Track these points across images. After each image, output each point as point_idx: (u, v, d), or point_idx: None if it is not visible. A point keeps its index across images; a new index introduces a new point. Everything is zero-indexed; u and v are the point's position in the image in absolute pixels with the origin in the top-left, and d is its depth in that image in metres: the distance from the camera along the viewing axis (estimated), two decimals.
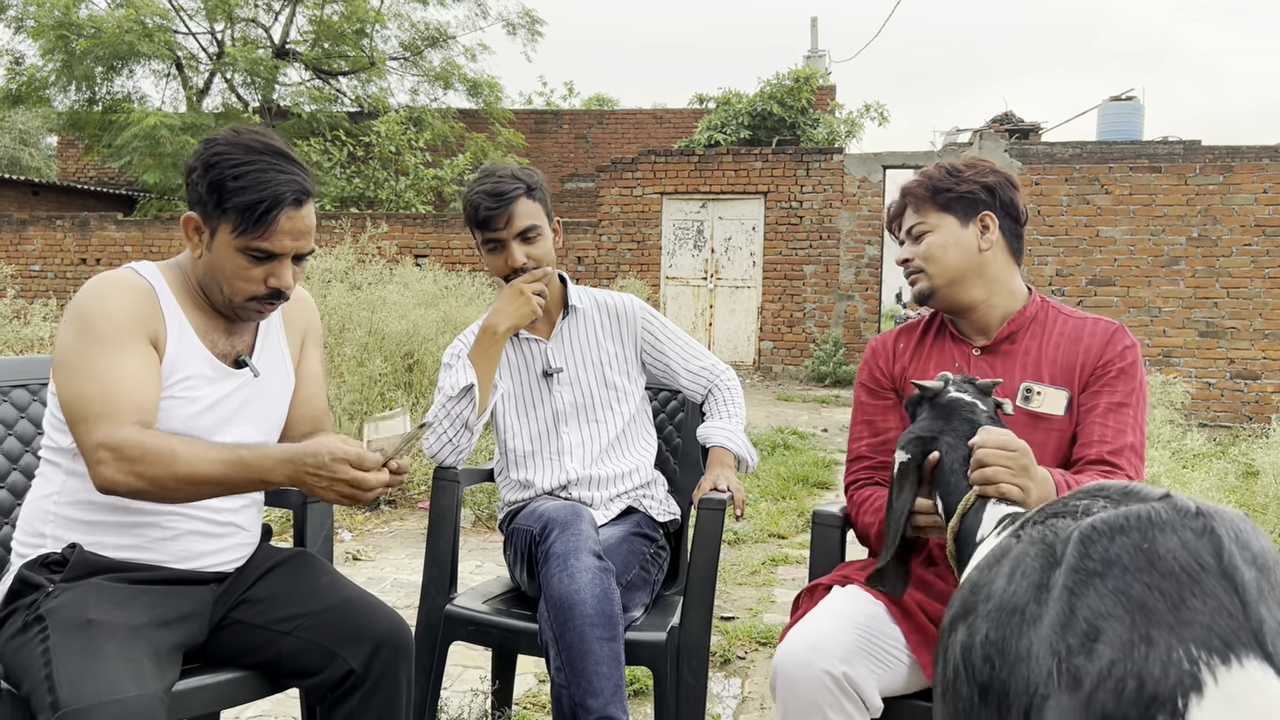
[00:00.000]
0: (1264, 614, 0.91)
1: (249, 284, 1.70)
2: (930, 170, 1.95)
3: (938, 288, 1.91)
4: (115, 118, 16.18)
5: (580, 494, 2.33)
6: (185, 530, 1.72)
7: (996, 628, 1.09)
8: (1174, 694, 0.87)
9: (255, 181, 1.63)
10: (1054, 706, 0.95)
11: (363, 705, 1.74)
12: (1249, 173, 10.76)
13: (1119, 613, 0.95)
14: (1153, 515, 1.01)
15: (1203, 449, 6.16)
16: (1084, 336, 1.87)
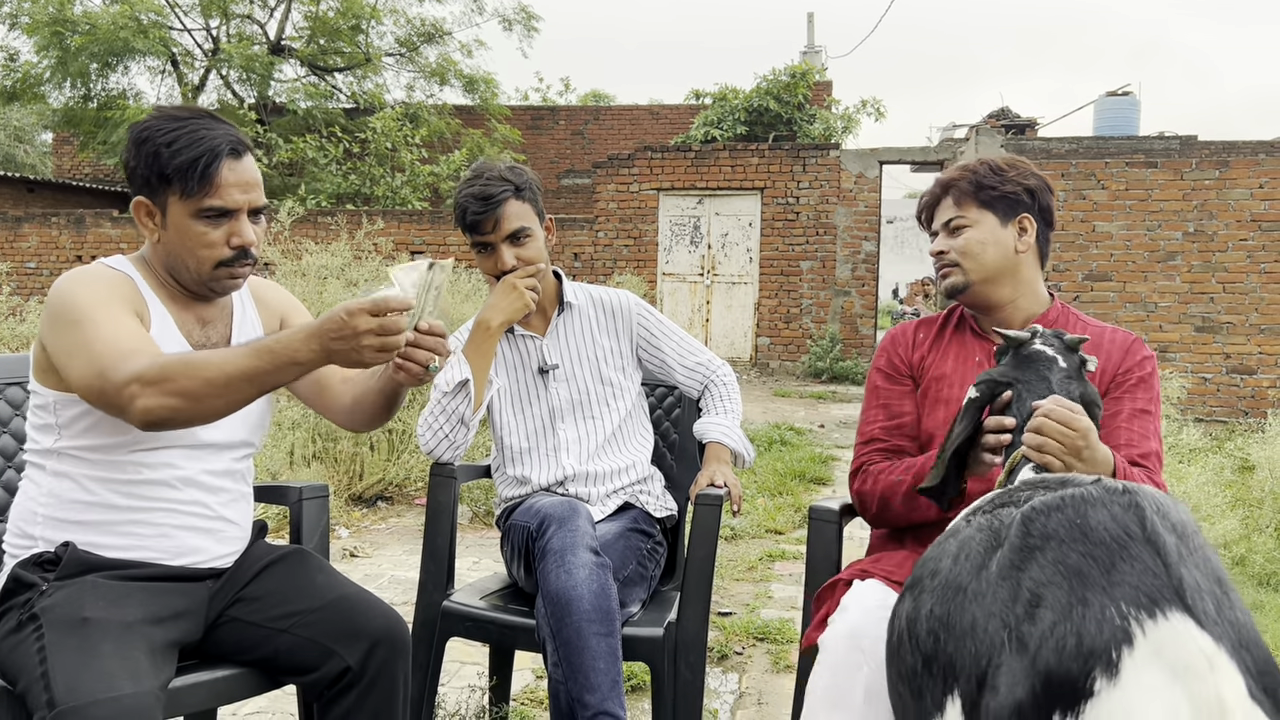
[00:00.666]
0: (1184, 573, 1.02)
1: (213, 249, 1.68)
2: (974, 165, 1.96)
3: (972, 283, 1.93)
4: (110, 114, 16.15)
5: (577, 490, 2.33)
6: (174, 525, 1.72)
7: (941, 603, 1.20)
8: (1108, 647, 0.97)
9: (189, 142, 1.64)
10: (1006, 670, 1.04)
11: (360, 702, 1.74)
12: (1245, 168, 10.76)
13: (1058, 580, 1.06)
14: (1085, 494, 1.13)
15: (1199, 444, 6.17)
16: (1104, 344, 1.89)
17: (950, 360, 1.99)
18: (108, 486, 1.67)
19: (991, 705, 1.04)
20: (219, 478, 1.79)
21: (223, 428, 1.76)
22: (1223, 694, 0.92)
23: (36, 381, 1.69)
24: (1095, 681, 0.96)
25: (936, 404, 1.97)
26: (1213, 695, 0.92)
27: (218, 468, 1.79)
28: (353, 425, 1.94)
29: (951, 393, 1.95)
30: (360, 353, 1.49)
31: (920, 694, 1.19)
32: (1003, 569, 1.13)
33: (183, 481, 1.73)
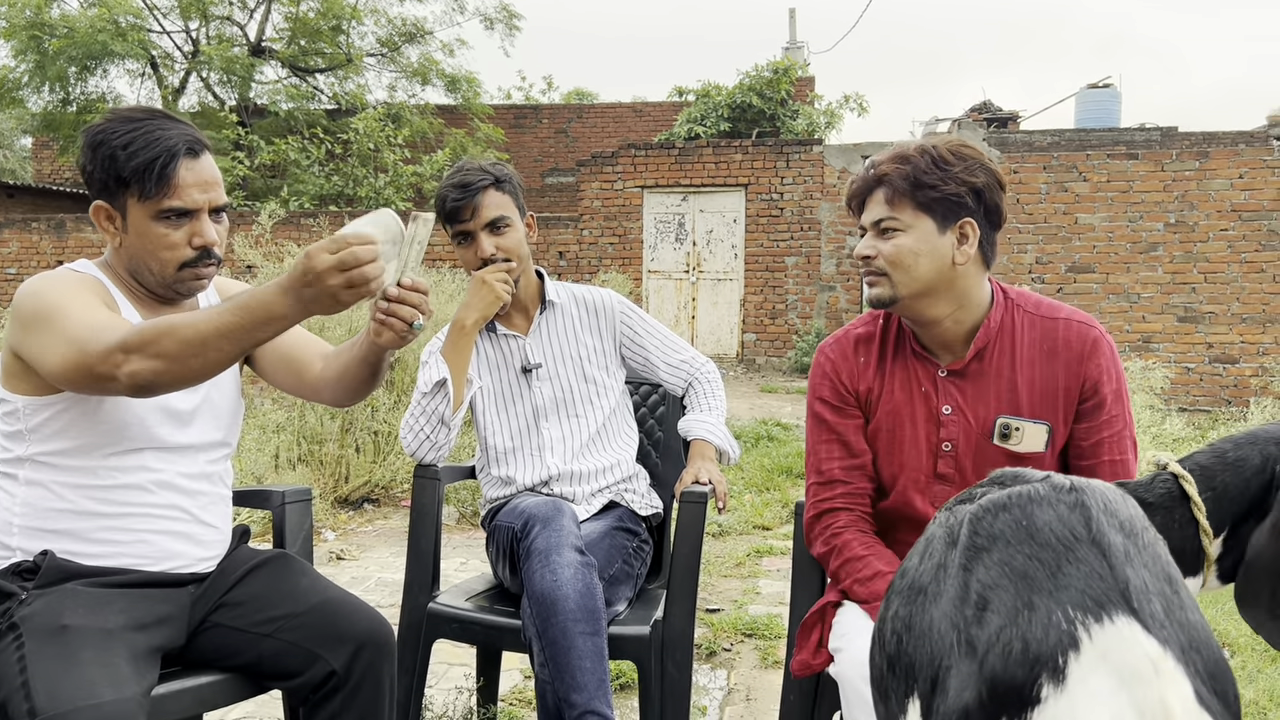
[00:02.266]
0: (1130, 574, 1.00)
1: (174, 250, 1.67)
2: (914, 154, 1.67)
3: (900, 298, 1.70)
4: (90, 118, 15.98)
5: (562, 489, 2.33)
6: (151, 530, 1.71)
7: (905, 604, 1.19)
8: (1054, 653, 0.96)
9: (145, 143, 1.62)
10: (955, 674, 1.04)
11: (345, 706, 1.73)
12: (1224, 158, 10.84)
13: (1004, 583, 1.05)
14: (1031, 493, 1.11)
15: (1182, 433, 6.21)
16: (1058, 348, 1.72)
17: (898, 389, 1.78)
18: (82, 493, 1.66)
19: (941, 708, 1.04)
20: (195, 480, 1.78)
21: (194, 429, 1.76)
22: (1168, 700, 0.91)
23: (5, 389, 1.67)
24: (1042, 688, 0.95)
25: (893, 445, 1.78)
26: (1157, 701, 0.91)
27: (193, 470, 1.78)
28: (339, 400, 1.91)
29: (904, 433, 1.77)
30: (332, 294, 1.43)
31: (887, 696, 1.19)
32: (953, 568, 1.12)
33: (158, 485, 1.72)
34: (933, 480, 1.76)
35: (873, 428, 1.82)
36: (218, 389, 1.82)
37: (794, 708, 1.92)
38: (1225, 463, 1.36)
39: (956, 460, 1.74)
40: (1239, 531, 1.36)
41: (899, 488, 1.79)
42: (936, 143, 1.69)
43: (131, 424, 1.67)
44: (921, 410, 1.76)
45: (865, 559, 1.73)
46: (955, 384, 1.75)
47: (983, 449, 1.73)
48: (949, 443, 1.74)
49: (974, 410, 1.73)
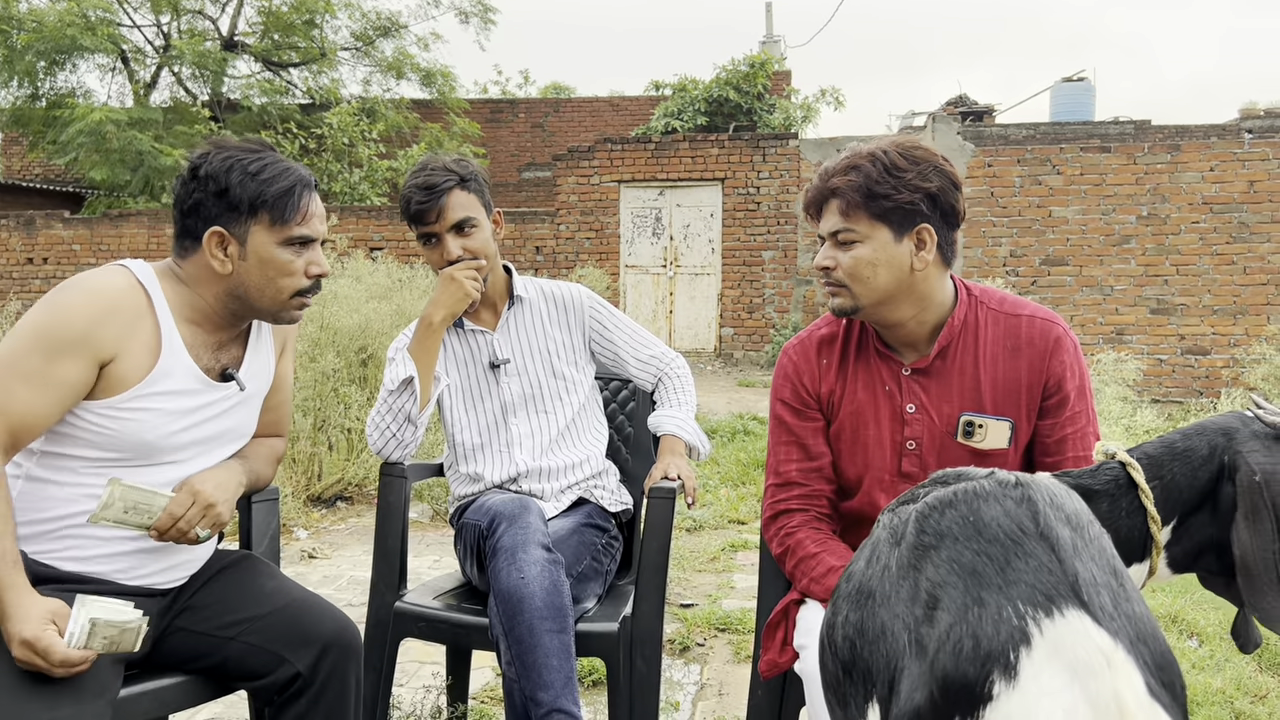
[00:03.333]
0: (1079, 567, 1.01)
1: (294, 278, 1.71)
2: (866, 162, 1.65)
3: (862, 308, 1.70)
4: (59, 113, 15.82)
5: (530, 486, 2.32)
6: (136, 550, 1.69)
7: (855, 609, 1.18)
8: (1005, 648, 0.96)
9: (278, 172, 1.68)
10: (907, 674, 1.03)
11: (311, 707, 1.72)
12: (1196, 151, 10.93)
13: (953, 580, 1.04)
14: (977, 489, 1.11)
15: (1154, 424, 6.27)
16: (1021, 345, 1.72)
17: (860, 389, 1.78)
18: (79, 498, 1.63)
19: (893, 711, 1.03)
20: None
21: (217, 445, 1.76)
22: (1120, 692, 0.91)
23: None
24: (994, 685, 0.94)
25: (856, 445, 1.78)
26: (1110, 694, 0.91)
27: None
28: None
29: (868, 433, 1.77)
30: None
31: (845, 702, 1.18)
32: (900, 568, 1.11)
33: None
34: (897, 479, 1.76)
35: (835, 428, 1.82)
36: (250, 405, 1.82)
37: (761, 704, 1.92)
38: (1173, 453, 1.38)
39: (921, 458, 1.74)
40: (1188, 521, 1.37)
41: (864, 487, 1.79)
42: (888, 147, 1.67)
43: (150, 439, 1.65)
44: (885, 409, 1.76)
45: (818, 556, 1.73)
46: (919, 382, 1.75)
47: (947, 447, 1.73)
48: (913, 441, 1.75)
49: (938, 408, 1.73)
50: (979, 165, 11.35)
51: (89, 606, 1.47)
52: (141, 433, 1.64)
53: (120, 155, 15.32)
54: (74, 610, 1.46)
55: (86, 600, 1.48)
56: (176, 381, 1.67)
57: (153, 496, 1.61)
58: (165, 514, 1.63)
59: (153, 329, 1.65)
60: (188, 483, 1.68)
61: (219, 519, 1.69)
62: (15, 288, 14.15)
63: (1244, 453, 1.31)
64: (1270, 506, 1.28)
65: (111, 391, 1.61)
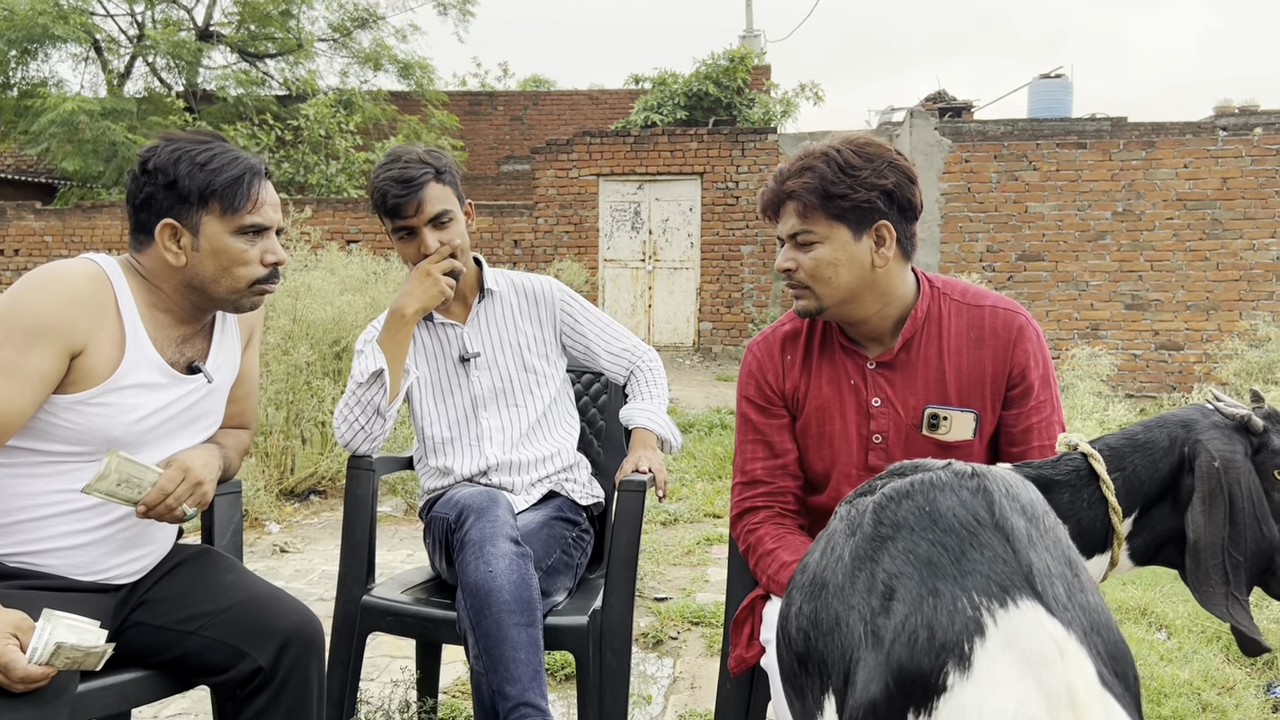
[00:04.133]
0: (1033, 558, 1.01)
1: (249, 267, 1.70)
2: (820, 161, 1.65)
3: (826, 308, 1.71)
4: (31, 103, 15.62)
5: (500, 479, 2.30)
6: (96, 540, 1.66)
7: (809, 600, 1.18)
8: (960, 639, 0.96)
9: (226, 161, 1.68)
10: (863, 665, 1.03)
11: (272, 703, 1.71)
12: (1170, 148, 11.01)
13: (909, 570, 1.04)
14: (934, 479, 1.11)
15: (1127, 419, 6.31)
16: (984, 336, 1.72)
17: (825, 384, 1.78)
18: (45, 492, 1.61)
19: (849, 703, 1.03)
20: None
21: (182, 437, 1.74)
22: (1073, 682, 0.91)
23: None
24: (948, 675, 0.94)
25: (823, 440, 1.78)
26: (1063, 684, 0.91)
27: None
28: None
29: (834, 427, 1.77)
30: None
31: (802, 693, 1.18)
32: (856, 559, 1.11)
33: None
34: (864, 473, 1.76)
35: (801, 424, 1.82)
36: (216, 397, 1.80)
37: (730, 697, 1.91)
38: (1135, 445, 1.38)
39: (888, 452, 1.74)
40: (1149, 513, 1.38)
41: (832, 482, 1.79)
42: (840, 145, 1.66)
43: (117, 434, 1.63)
44: (851, 403, 1.76)
45: (774, 552, 1.74)
46: (884, 375, 1.75)
47: (913, 440, 1.73)
48: (879, 435, 1.74)
49: (903, 401, 1.73)
50: (956, 161, 11.39)
51: (56, 627, 1.44)
52: (109, 428, 1.62)
53: (93, 146, 15.15)
54: (39, 625, 1.43)
55: (53, 616, 1.45)
56: (142, 375, 1.65)
57: (145, 471, 1.60)
58: (156, 489, 1.62)
59: (117, 323, 1.63)
60: (177, 460, 1.68)
61: (205, 497, 1.69)
62: None
63: (1204, 440, 1.32)
64: (1226, 492, 1.29)
65: (79, 386, 1.59)
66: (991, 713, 0.91)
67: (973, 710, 0.92)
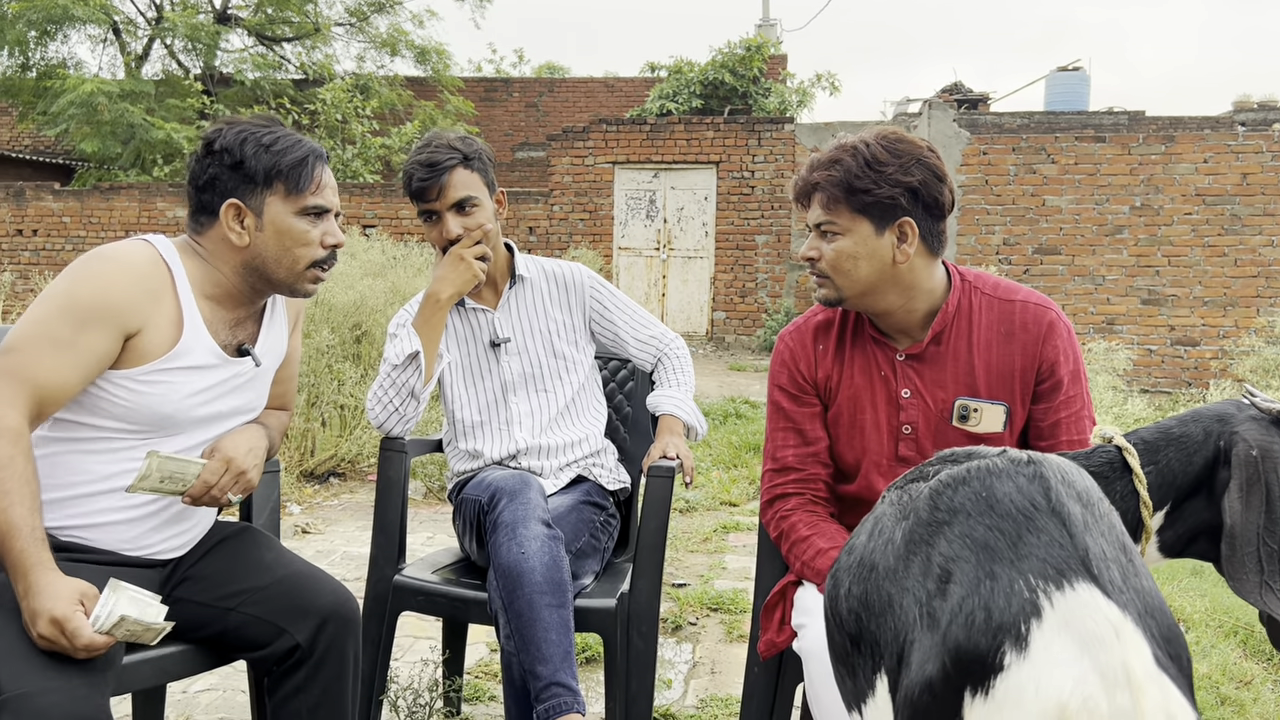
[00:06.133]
0: (1089, 542, 1.03)
1: (310, 248, 1.73)
2: (847, 155, 1.67)
3: (846, 298, 1.74)
4: (50, 84, 15.68)
5: (529, 463, 2.33)
6: (143, 515, 1.69)
7: (858, 582, 1.20)
8: (1017, 620, 0.97)
9: (290, 144, 1.72)
10: (918, 646, 1.05)
11: (310, 679, 1.74)
12: (1190, 143, 10.96)
13: (966, 554, 1.06)
14: (990, 466, 1.13)
15: (1143, 414, 6.31)
16: (1015, 330, 1.73)
17: (858, 374, 1.80)
18: (97, 467, 1.64)
19: (904, 682, 1.05)
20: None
21: (231, 418, 1.77)
22: (1129, 663, 0.92)
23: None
24: (1005, 655, 0.96)
25: (854, 430, 1.80)
26: (1119, 664, 0.92)
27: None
28: None
29: (865, 417, 1.79)
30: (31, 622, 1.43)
31: (854, 673, 1.20)
32: (910, 543, 1.13)
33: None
34: (895, 463, 1.78)
35: (833, 413, 1.83)
36: (263, 379, 1.83)
37: (758, 681, 1.94)
38: (1169, 438, 1.40)
39: (917, 443, 1.76)
40: (1182, 506, 1.39)
41: (862, 471, 1.81)
42: (871, 139, 1.68)
43: (168, 411, 1.66)
44: (881, 394, 1.78)
45: (809, 539, 1.76)
46: (913, 367, 1.76)
47: (942, 431, 1.75)
48: (909, 425, 1.76)
49: (932, 393, 1.75)
50: (974, 153, 11.36)
51: (120, 599, 1.46)
52: (160, 405, 1.65)
53: (111, 127, 15.21)
54: (104, 594, 1.46)
55: (119, 587, 1.48)
56: (196, 357, 1.68)
57: (187, 465, 1.63)
58: (199, 482, 1.65)
59: (174, 304, 1.66)
60: (219, 449, 1.70)
61: (250, 484, 1.72)
62: (5, 259, 14.07)
63: (1241, 432, 1.33)
64: (1263, 480, 1.30)
65: (133, 363, 1.62)
66: (1048, 691, 0.92)
67: (1029, 689, 0.93)
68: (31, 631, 1.41)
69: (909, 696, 1.03)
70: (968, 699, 0.98)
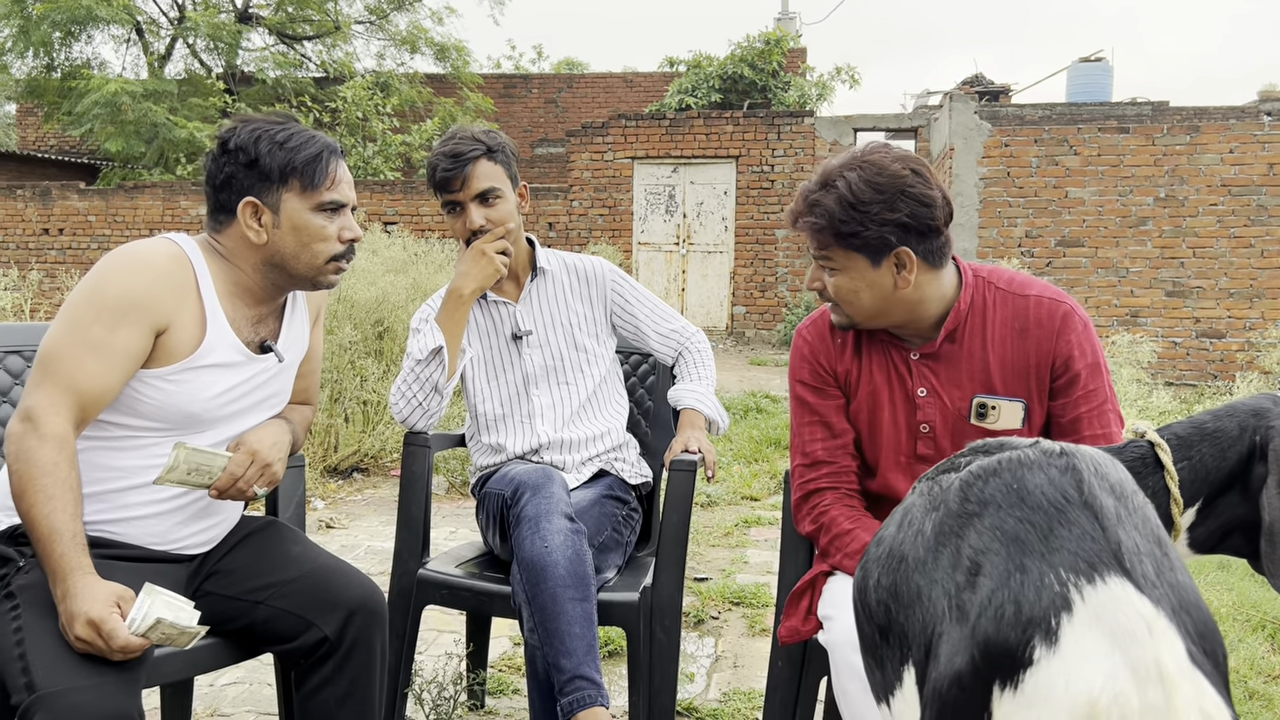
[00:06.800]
0: (1122, 536, 1.01)
1: (327, 243, 1.74)
2: (827, 200, 1.64)
3: (857, 323, 1.74)
4: (75, 84, 15.85)
5: (552, 457, 2.33)
6: (171, 509, 1.71)
7: (887, 573, 1.19)
8: (1047, 614, 0.96)
9: (304, 140, 1.72)
10: (946, 639, 1.04)
11: (337, 671, 1.75)
12: (1215, 133, 10.83)
13: (996, 547, 1.05)
14: (1022, 458, 1.11)
15: (1168, 407, 6.26)
16: (1029, 326, 1.72)
17: (876, 371, 1.80)
18: (124, 463, 1.66)
19: (932, 675, 1.04)
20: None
21: (256, 413, 1.79)
22: (1162, 659, 0.91)
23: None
24: (1034, 650, 0.95)
25: (874, 428, 1.80)
26: (1151, 660, 0.91)
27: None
28: None
29: (883, 415, 1.79)
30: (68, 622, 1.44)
31: (882, 664, 1.19)
32: (940, 535, 1.12)
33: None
34: (914, 461, 1.78)
35: (854, 409, 1.83)
36: (286, 375, 1.85)
37: (781, 674, 1.94)
38: (1203, 433, 1.37)
39: (935, 441, 1.76)
40: (1215, 502, 1.38)
41: (881, 469, 1.81)
42: (853, 175, 1.63)
43: (196, 410, 1.68)
44: (899, 392, 1.78)
45: (852, 532, 1.75)
46: (928, 366, 1.76)
47: (960, 429, 1.74)
48: (926, 424, 1.76)
49: (948, 392, 1.74)
50: (995, 145, 11.28)
51: (155, 602, 1.48)
52: (187, 404, 1.67)
53: (135, 127, 15.35)
54: (140, 598, 1.48)
55: (153, 591, 1.50)
56: (221, 355, 1.70)
57: (213, 458, 1.65)
58: (225, 474, 1.67)
59: (198, 303, 1.68)
60: (244, 442, 1.72)
61: (275, 477, 1.74)
62: (32, 258, 14.22)
63: (1278, 426, 1.32)
64: None
65: (161, 362, 1.63)
66: (1078, 686, 0.91)
67: (1059, 684, 0.92)
68: (69, 633, 1.43)
69: (937, 689, 1.02)
70: (996, 693, 0.97)
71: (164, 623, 1.48)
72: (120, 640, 1.43)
